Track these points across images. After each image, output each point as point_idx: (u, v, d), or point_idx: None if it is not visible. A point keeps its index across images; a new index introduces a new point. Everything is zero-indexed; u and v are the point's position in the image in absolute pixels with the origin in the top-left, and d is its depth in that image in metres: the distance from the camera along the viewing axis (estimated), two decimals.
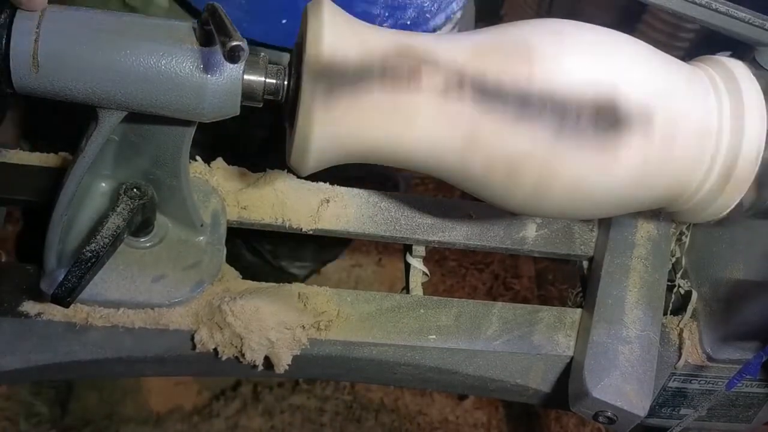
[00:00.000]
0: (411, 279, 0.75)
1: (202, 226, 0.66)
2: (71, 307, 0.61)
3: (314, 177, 0.71)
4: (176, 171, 0.60)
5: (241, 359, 0.64)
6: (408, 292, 0.74)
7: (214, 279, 0.65)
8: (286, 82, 0.51)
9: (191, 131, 0.57)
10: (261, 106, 0.52)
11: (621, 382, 0.65)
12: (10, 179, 0.68)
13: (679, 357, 0.71)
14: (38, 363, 0.62)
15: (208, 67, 0.48)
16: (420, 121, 0.49)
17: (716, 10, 0.57)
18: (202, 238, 0.66)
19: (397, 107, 0.49)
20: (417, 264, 0.75)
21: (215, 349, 0.64)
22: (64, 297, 0.53)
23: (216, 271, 0.66)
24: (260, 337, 0.63)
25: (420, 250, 0.75)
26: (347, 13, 0.50)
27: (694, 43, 1.24)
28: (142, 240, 0.64)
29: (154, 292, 0.62)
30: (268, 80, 0.51)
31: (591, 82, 0.49)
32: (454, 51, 0.50)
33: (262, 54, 0.51)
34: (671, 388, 0.72)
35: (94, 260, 0.54)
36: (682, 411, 0.74)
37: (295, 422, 1.45)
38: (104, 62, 0.48)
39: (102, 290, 0.61)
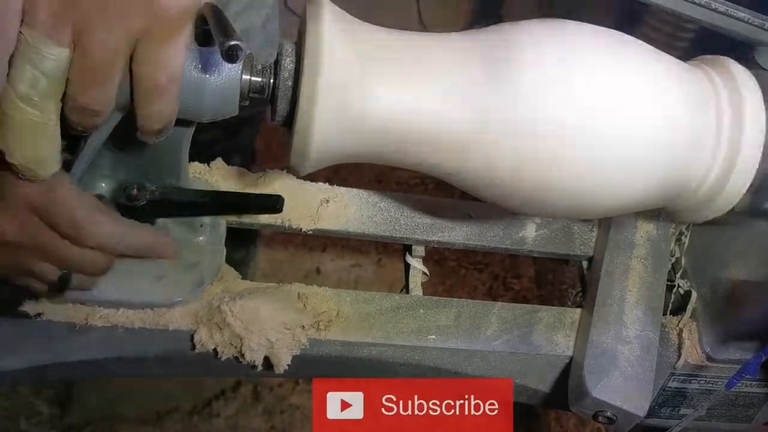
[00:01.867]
0: (411, 279, 0.75)
1: (201, 226, 0.66)
2: (71, 307, 0.61)
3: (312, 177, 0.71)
4: (176, 171, 0.60)
5: (241, 359, 0.64)
6: (408, 292, 0.74)
7: (213, 279, 0.65)
8: (272, 81, 0.50)
9: (190, 131, 0.57)
10: (247, 104, 0.51)
11: (620, 382, 0.65)
12: None
13: (679, 357, 0.70)
14: (38, 363, 0.62)
15: (206, 66, 0.48)
16: (422, 119, 0.49)
17: (716, 10, 0.57)
18: (201, 238, 0.66)
19: (398, 106, 0.48)
20: (416, 264, 0.75)
21: (215, 350, 0.64)
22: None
23: (216, 272, 0.66)
24: (260, 337, 0.63)
25: (419, 250, 0.75)
26: (347, 14, 0.50)
27: (694, 43, 1.24)
28: None
29: (154, 293, 0.62)
30: (254, 78, 0.50)
31: None
32: (452, 51, 0.50)
33: (248, 51, 0.51)
34: (671, 388, 0.72)
35: None
36: (682, 411, 0.74)
37: (295, 422, 1.45)
38: None
39: (102, 290, 0.61)
